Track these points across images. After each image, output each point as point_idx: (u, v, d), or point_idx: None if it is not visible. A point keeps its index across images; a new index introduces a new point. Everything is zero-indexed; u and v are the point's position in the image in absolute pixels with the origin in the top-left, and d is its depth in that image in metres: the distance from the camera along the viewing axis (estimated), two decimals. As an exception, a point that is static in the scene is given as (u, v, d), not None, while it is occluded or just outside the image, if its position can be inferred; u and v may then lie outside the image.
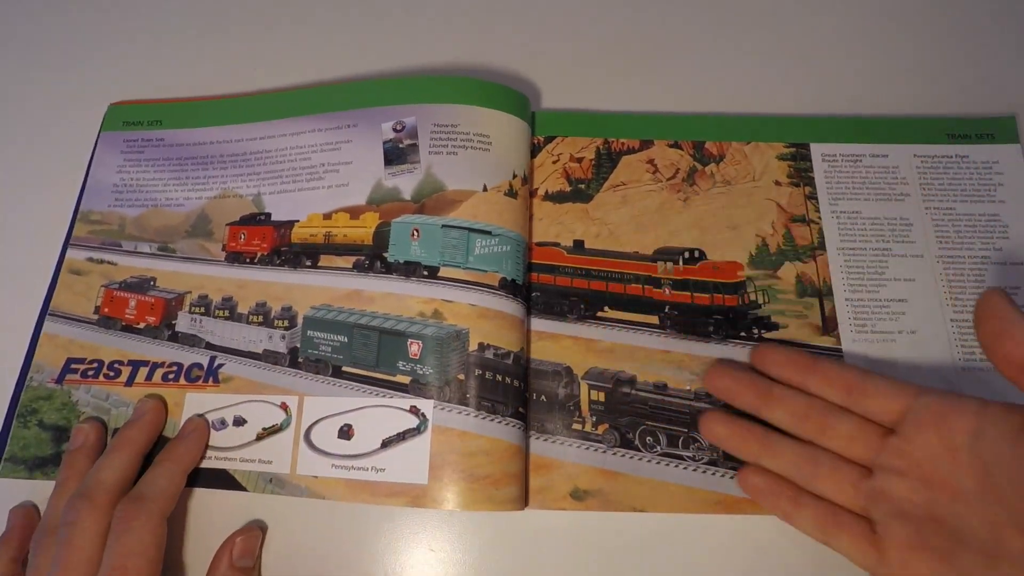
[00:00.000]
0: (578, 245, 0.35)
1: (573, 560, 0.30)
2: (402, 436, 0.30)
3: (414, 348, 0.31)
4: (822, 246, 0.35)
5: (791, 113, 0.38)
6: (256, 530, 0.30)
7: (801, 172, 0.37)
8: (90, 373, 0.34)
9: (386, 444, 0.30)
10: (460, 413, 0.30)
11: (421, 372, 0.31)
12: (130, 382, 0.33)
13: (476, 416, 0.30)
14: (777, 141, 0.37)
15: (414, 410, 0.31)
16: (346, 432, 0.31)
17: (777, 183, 0.36)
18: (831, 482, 0.28)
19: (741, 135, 0.37)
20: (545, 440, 0.31)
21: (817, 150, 0.37)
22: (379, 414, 0.31)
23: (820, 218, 0.36)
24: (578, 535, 0.30)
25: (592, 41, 0.42)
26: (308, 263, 0.35)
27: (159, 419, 0.32)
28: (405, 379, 0.31)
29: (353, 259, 0.34)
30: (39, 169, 0.40)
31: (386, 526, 0.31)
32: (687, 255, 0.35)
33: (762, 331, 0.33)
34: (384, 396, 0.31)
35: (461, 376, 0.31)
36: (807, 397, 0.29)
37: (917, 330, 0.33)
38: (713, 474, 0.31)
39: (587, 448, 0.31)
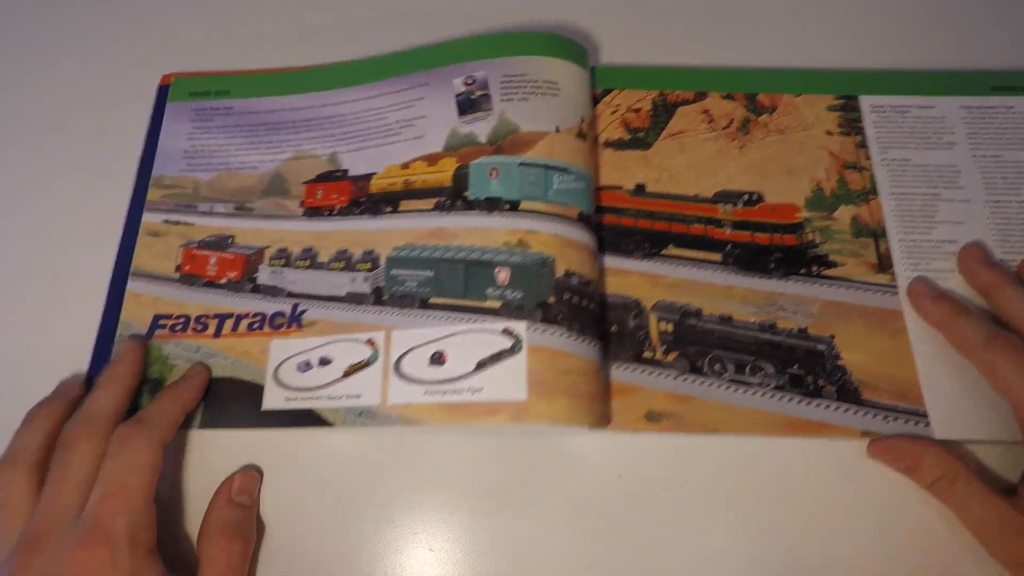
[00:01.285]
0: (639, 188, 0.37)
1: (649, 480, 0.31)
2: (497, 357, 0.31)
3: (502, 275, 0.33)
4: (874, 191, 0.37)
5: (840, 67, 0.40)
6: (253, 472, 0.32)
7: (851, 122, 0.38)
8: (178, 328, 0.35)
9: (481, 365, 0.31)
10: (552, 334, 0.32)
11: (511, 297, 0.33)
12: (218, 333, 0.35)
13: (567, 336, 0.32)
14: (827, 93, 0.39)
15: (507, 332, 0.32)
16: (438, 358, 0.32)
17: (828, 133, 0.38)
18: None
19: (792, 87, 0.39)
20: (619, 367, 0.33)
21: (866, 102, 0.39)
22: (471, 339, 0.32)
23: (871, 165, 0.37)
24: (654, 455, 0.32)
25: None
26: (389, 209, 0.37)
27: (139, 356, 0.33)
28: (495, 304, 0.33)
29: (434, 201, 0.36)
30: (103, 138, 0.41)
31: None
32: (746, 198, 0.36)
33: (821, 268, 0.35)
34: (476, 322, 0.33)
35: (551, 300, 0.32)
36: None
37: (969, 268, 0.35)
38: (781, 398, 0.32)
39: (659, 375, 0.33)
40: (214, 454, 0.33)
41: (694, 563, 0.30)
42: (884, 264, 0.35)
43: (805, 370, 0.33)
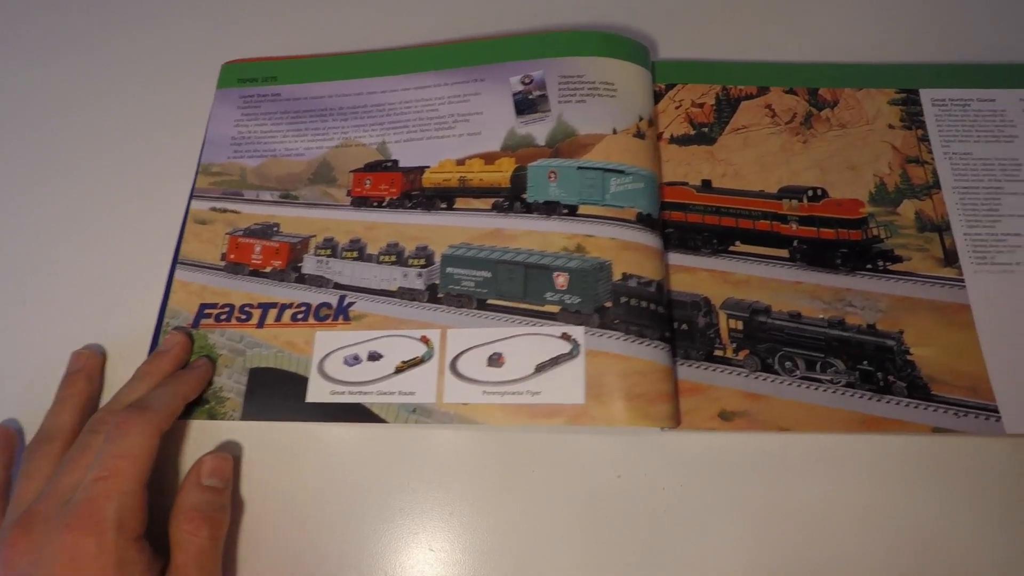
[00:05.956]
0: (706, 184, 0.39)
1: (721, 479, 0.34)
2: (555, 361, 0.34)
3: (560, 280, 0.35)
4: (937, 185, 0.39)
5: (900, 61, 0.43)
6: (227, 455, 0.33)
7: (913, 116, 0.41)
8: (223, 317, 0.37)
9: (540, 369, 0.34)
10: (611, 338, 0.34)
11: (570, 301, 0.35)
12: (261, 323, 0.37)
13: (626, 340, 0.34)
14: (887, 87, 0.41)
15: (566, 336, 0.34)
16: (496, 360, 0.34)
17: (890, 126, 0.41)
18: None
19: (852, 81, 0.42)
20: (690, 366, 0.35)
21: (927, 95, 0.41)
22: (530, 342, 0.34)
23: (933, 159, 0.40)
24: (727, 455, 0.34)
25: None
26: (443, 206, 0.39)
27: (182, 352, 0.36)
28: (554, 308, 0.35)
29: (491, 201, 0.38)
30: (162, 128, 0.44)
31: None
32: (810, 193, 0.39)
33: (887, 263, 0.37)
34: (534, 325, 0.35)
35: (608, 303, 0.35)
36: None
37: (1035, 261, 0.37)
38: (852, 395, 0.34)
39: (730, 373, 0.35)
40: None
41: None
42: (950, 258, 0.37)
43: (875, 366, 0.35)
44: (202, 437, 0.35)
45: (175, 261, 0.39)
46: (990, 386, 0.34)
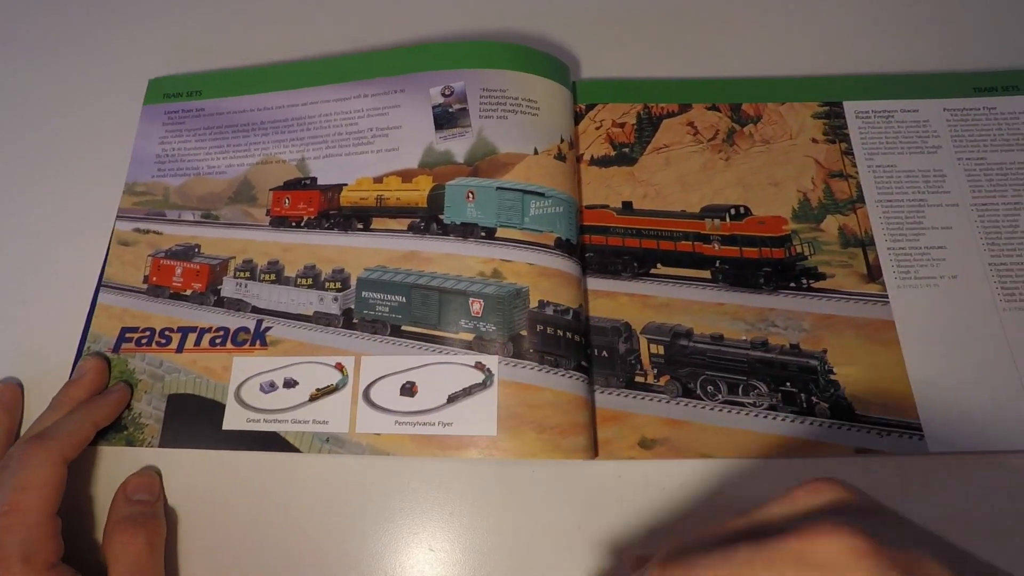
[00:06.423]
0: (627, 206, 0.39)
1: (642, 507, 0.33)
2: (468, 391, 0.33)
3: (476, 306, 0.34)
4: (861, 199, 0.39)
5: (823, 73, 0.42)
6: (150, 471, 0.34)
7: (836, 129, 0.41)
8: (143, 341, 0.36)
9: (452, 399, 0.33)
10: (524, 367, 0.33)
11: (484, 329, 0.34)
12: (180, 348, 0.36)
13: (540, 370, 0.33)
14: (811, 101, 0.41)
15: (479, 366, 0.33)
16: (409, 389, 0.34)
17: (814, 140, 0.40)
18: None
19: (776, 96, 0.41)
20: (610, 393, 0.35)
21: (850, 108, 0.41)
22: (443, 371, 0.34)
23: (857, 172, 0.40)
24: (647, 483, 0.33)
25: (627, 10, 0.46)
26: (360, 226, 0.38)
27: (98, 378, 0.35)
28: (468, 336, 0.34)
29: (407, 222, 0.38)
30: (89, 146, 0.43)
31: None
32: (733, 211, 0.38)
33: (810, 281, 0.37)
34: (448, 353, 0.34)
35: (524, 332, 0.34)
36: None
37: (958, 275, 0.37)
38: (774, 419, 0.34)
39: (651, 399, 0.34)
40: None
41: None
42: (874, 273, 0.37)
43: (798, 387, 0.34)
44: (121, 463, 0.34)
45: (99, 284, 0.38)
46: (914, 404, 0.34)
